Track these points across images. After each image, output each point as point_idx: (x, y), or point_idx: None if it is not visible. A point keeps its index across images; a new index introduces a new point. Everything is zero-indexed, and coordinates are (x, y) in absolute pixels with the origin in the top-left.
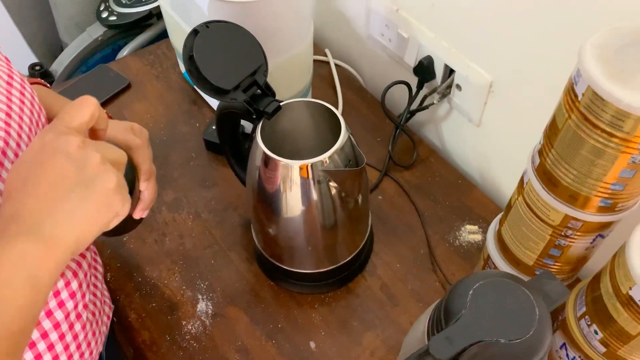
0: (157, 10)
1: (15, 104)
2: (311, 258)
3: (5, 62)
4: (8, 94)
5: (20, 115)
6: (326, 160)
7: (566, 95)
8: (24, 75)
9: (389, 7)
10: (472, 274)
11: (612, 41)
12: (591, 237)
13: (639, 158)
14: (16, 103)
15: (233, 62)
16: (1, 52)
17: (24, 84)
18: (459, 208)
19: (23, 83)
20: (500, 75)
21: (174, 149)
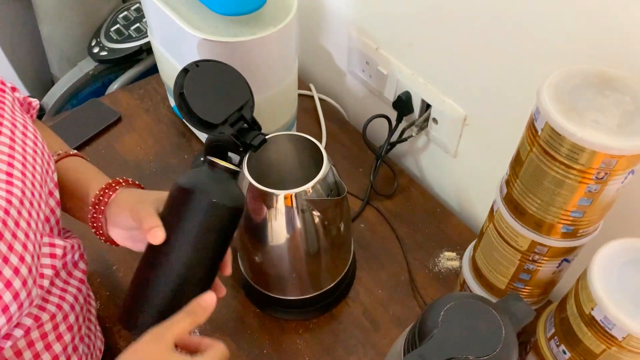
0: (147, 46)
1: (29, 154)
2: (296, 285)
3: (21, 114)
4: (23, 144)
5: (34, 165)
6: (309, 190)
7: (528, 130)
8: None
9: (369, 46)
10: (444, 295)
11: (565, 82)
12: (557, 261)
13: (594, 187)
14: (30, 153)
15: (221, 98)
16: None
17: (36, 134)
18: (438, 235)
19: (36, 134)
20: (473, 110)
21: (164, 180)
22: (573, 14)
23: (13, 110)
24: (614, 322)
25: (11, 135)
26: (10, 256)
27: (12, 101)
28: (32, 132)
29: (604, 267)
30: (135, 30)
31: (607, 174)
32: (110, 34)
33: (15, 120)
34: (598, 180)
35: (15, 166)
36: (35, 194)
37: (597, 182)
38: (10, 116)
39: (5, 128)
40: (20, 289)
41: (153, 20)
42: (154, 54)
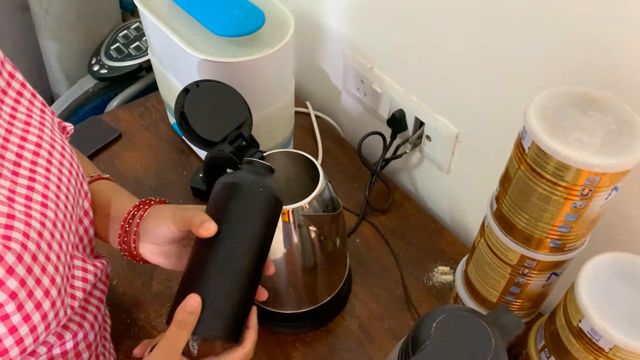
0: (147, 64)
1: (64, 176)
2: (292, 299)
3: (60, 136)
4: (60, 165)
5: (68, 187)
6: (306, 205)
7: (516, 149)
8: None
9: (364, 65)
10: (436, 308)
11: (551, 102)
12: (546, 275)
13: (579, 204)
14: (65, 174)
15: (220, 117)
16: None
17: (72, 156)
18: (432, 250)
19: (72, 155)
20: (465, 128)
21: (162, 196)
22: (560, 37)
23: (53, 131)
24: (601, 333)
25: (49, 156)
26: (43, 278)
27: (52, 123)
28: (69, 153)
29: (590, 280)
30: (134, 48)
31: (592, 190)
32: (110, 52)
33: (55, 141)
34: (583, 196)
35: (51, 188)
36: (67, 216)
37: (582, 199)
38: (49, 137)
39: (43, 150)
40: (49, 310)
41: (154, 40)
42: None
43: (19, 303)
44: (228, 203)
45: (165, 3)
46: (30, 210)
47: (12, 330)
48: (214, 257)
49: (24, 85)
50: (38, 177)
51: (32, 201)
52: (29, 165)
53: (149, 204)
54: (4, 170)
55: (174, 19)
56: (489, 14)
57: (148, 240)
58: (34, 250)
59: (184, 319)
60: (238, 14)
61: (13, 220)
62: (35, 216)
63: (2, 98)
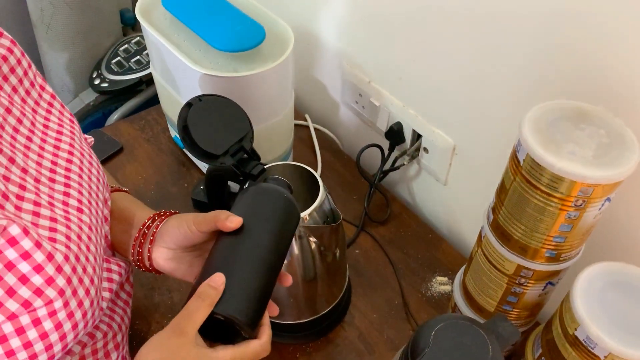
0: (147, 78)
1: (93, 183)
2: (293, 309)
3: (87, 146)
4: (89, 173)
5: (97, 193)
6: (306, 217)
7: (511, 161)
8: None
9: (362, 79)
10: (435, 317)
11: (545, 116)
12: (542, 284)
13: (573, 214)
14: (94, 182)
15: (222, 130)
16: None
17: (99, 164)
18: (430, 260)
19: (99, 163)
20: (462, 140)
21: (163, 208)
22: (554, 53)
23: (81, 140)
24: (596, 341)
25: (80, 164)
26: (84, 278)
27: (79, 132)
28: (95, 161)
29: (585, 289)
30: (135, 62)
31: (585, 201)
32: (111, 66)
33: (84, 150)
34: (577, 207)
35: (84, 194)
36: (98, 220)
37: (576, 209)
38: (79, 146)
39: (75, 157)
40: (88, 308)
41: (156, 55)
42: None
43: (65, 300)
44: (255, 203)
45: (167, 18)
46: (69, 214)
47: (58, 326)
48: (240, 246)
49: (53, 96)
50: (72, 183)
51: (69, 206)
52: (64, 172)
53: (167, 215)
54: (42, 177)
55: (176, 34)
56: (485, 30)
57: (163, 245)
58: (75, 251)
59: (205, 291)
60: (239, 29)
61: (56, 223)
62: (73, 220)
63: (36, 109)
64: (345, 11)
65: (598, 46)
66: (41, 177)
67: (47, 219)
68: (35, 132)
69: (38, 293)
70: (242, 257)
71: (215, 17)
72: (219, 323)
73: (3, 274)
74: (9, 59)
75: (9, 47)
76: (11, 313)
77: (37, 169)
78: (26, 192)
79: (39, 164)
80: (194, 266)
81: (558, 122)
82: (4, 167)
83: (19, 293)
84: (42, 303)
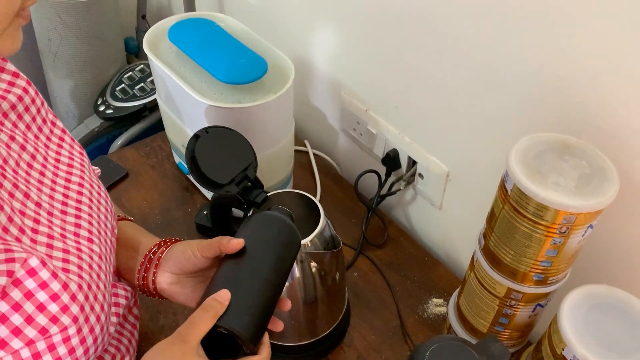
0: (151, 104)
1: (102, 213)
2: (294, 331)
3: (95, 176)
4: (98, 204)
5: (106, 222)
6: (308, 243)
7: (500, 190)
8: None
9: (359, 108)
10: (430, 338)
11: (531, 148)
12: (532, 306)
13: (558, 240)
14: (102, 212)
15: (228, 160)
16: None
17: (107, 194)
18: (427, 283)
19: (107, 193)
20: (455, 167)
21: (168, 233)
22: (541, 88)
23: (90, 173)
24: None
25: (90, 195)
26: (95, 305)
27: (88, 164)
28: (104, 192)
29: (572, 311)
30: (139, 89)
31: (569, 228)
32: (116, 93)
33: (93, 181)
34: (561, 234)
35: (94, 225)
36: (108, 249)
37: (560, 236)
38: (89, 178)
39: (85, 189)
40: (99, 333)
41: (162, 86)
42: (156, 112)
43: (79, 327)
44: (259, 230)
45: (173, 51)
46: (80, 245)
47: (71, 352)
48: (243, 267)
49: (64, 131)
50: (83, 214)
51: (80, 237)
52: (75, 204)
53: (172, 242)
54: (55, 210)
55: (182, 66)
56: (477, 65)
57: (167, 270)
58: (87, 280)
59: (211, 304)
60: (243, 62)
61: (68, 254)
62: (84, 250)
63: (48, 144)
64: (343, 44)
65: (582, 84)
66: (54, 210)
67: (60, 250)
68: (48, 166)
69: (54, 320)
70: (246, 277)
71: (220, 51)
72: (221, 337)
73: (22, 302)
74: (24, 99)
75: (24, 88)
76: (29, 339)
77: (49, 202)
78: (40, 225)
79: (51, 197)
80: (197, 291)
81: (543, 154)
82: (20, 202)
83: (37, 320)
84: (58, 330)
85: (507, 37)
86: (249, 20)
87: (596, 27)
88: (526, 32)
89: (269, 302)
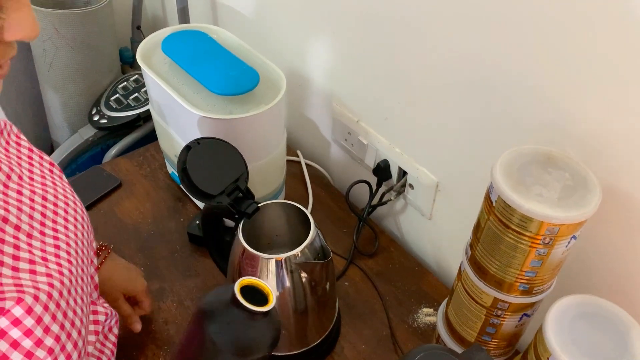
0: (145, 114)
1: (79, 230)
2: (284, 341)
3: (69, 188)
4: (75, 221)
5: (82, 240)
6: (298, 254)
7: (485, 201)
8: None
9: (351, 119)
10: (415, 347)
11: (515, 160)
12: (518, 316)
13: (542, 251)
14: (80, 229)
15: (219, 171)
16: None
17: (83, 208)
18: (417, 292)
19: (82, 207)
20: (444, 177)
21: (160, 242)
22: (526, 100)
23: (64, 188)
24: None
25: (65, 214)
26: (72, 332)
27: (61, 178)
28: (79, 204)
29: (556, 321)
30: (133, 99)
31: (552, 239)
32: (110, 103)
33: (67, 198)
34: (545, 245)
35: (71, 245)
36: (85, 269)
37: (544, 247)
38: (62, 195)
39: (60, 209)
40: (77, 359)
41: (155, 97)
42: (150, 122)
43: (54, 357)
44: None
45: (166, 63)
46: (61, 267)
47: None
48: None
49: (31, 149)
50: (60, 235)
51: (60, 258)
52: (52, 224)
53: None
54: (34, 231)
55: (175, 78)
56: (464, 79)
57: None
58: (64, 308)
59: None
60: (235, 74)
61: (52, 278)
62: (65, 273)
63: (19, 162)
64: (334, 56)
65: (566, 97)
66: (33, 231)
67: (43, 275)
68: (24, 185)
69: (29, 356)
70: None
71: (212, 62)
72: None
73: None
74: None
75: None
76: None
77: (29, 223)
78: (20, 251)
79: (31, 216)
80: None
81: (527, 166)
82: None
83: (11, 358)
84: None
85: (494, 51)
86: (242, 33)
87: (580, 40)
88: (512, 46)
89: None
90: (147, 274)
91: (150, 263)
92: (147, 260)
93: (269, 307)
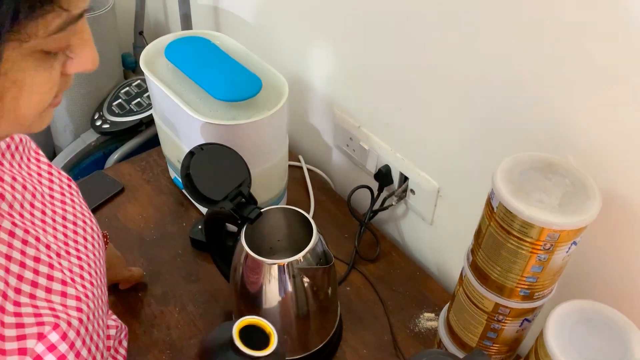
0: (147, 119)
1: (96, 241)
2: (286, 346)
3: (83, 203)
4: (92, 240)
5: (93, 252)
6: (300, 259)
7: (486, 207)
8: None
9: (352, 124)
10: (418, 352)
11: (516, 166)
12: (519, 321)
13: (543, 257)
14: (96, 239)
15: (222, 177)
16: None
17: (92, 219)
18: (418, 297)
19: (92, 219)
20: (445, 183)
21: (163, 247)
22: (526, 107)
23: (81, 205)
24: None
25: (84, 233)
26: (97, 355)
27: (77, 193)
28: (95, 225)
29: (557, 326)
30: (136, 104)
31: (553, 245)
32: (113, 108)
33: (85, 215)
34: (546, 250)
35: (91, 265)
36: (103, 289)
37: (545, 252)
38: (80, 212)
39: (79, 228)
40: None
41: (158, 103)
42: (152, 127)
43: None
44: None
45: (169, 69)
46: (86, 289)
47: None
48: None
49: (50, 165)
50: (82, 255)
51: (84, 279)
52: (74, 244)
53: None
54: (62, 250)
55: (178, 84)
56: (465, 86)
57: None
58: (91, 331)
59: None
60: (238, 80)
61: (80, 302)
62: (90, 296)
63: (40, 180)
64: (336, 62)
65: (566, 104)
66: (60, 250)
67: (73, 298)
68: (47, 204)
69: None
70: None
71: (215, 69)
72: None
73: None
74: (14, 137)
75: None
76: None
77: (56, 243)
78: (54, 270)
79: (54, 237)
80: None
81: (528, 172)
82: (35, 247)
83: None
84: None
85: (495, 58)
86: (244, 39)
87: (581, 49)
88: (513, 54)
89: None
90: (149, 279)
91: (153, 268)
92: (150, 265)
93: (268, 351)
